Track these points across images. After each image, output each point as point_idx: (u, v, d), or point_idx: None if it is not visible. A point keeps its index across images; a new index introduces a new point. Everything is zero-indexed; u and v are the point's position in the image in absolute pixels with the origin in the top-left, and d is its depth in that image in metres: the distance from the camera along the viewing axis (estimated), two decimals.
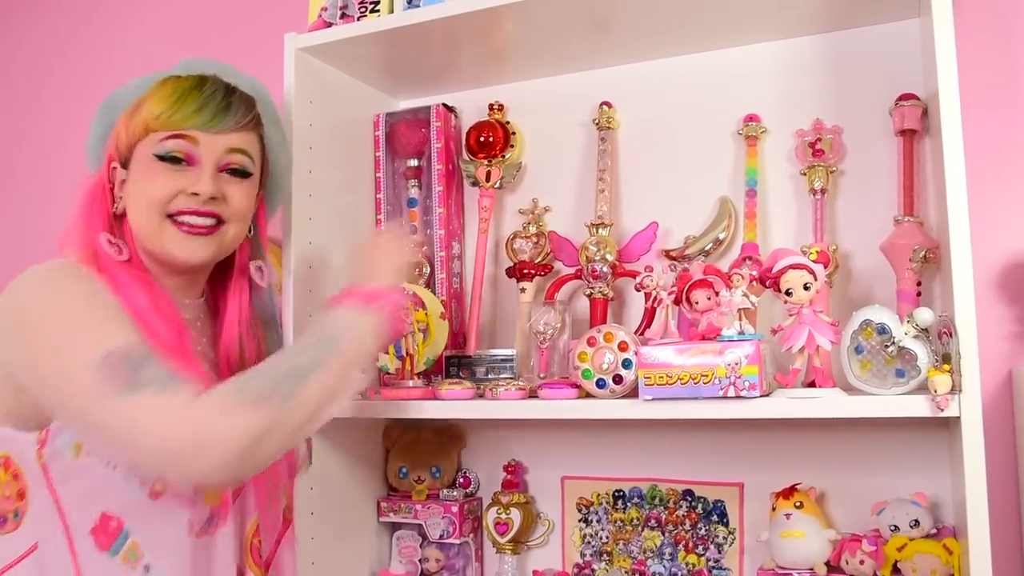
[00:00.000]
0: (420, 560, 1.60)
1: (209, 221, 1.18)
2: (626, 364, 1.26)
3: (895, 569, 1.25)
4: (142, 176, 1.17)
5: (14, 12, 2.40)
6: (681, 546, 1.49)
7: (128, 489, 1.08)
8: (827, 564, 1.30)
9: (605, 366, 1.27)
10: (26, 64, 2.37)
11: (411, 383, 1.44)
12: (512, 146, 1.60)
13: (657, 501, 1.52)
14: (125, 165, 1.20)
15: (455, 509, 1.56)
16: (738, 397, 1.15)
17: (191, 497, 1.10)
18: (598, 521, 1.56)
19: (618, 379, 1.27)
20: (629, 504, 1.53)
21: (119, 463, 1.08)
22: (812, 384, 1.18)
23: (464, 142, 1.62)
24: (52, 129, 2.30)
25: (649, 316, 1.39)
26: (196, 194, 1.16)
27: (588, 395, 1.30)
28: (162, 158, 1.16)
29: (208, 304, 1.30)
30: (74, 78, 2.29)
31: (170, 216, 1.16)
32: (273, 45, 1.53)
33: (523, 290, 1.54)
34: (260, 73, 1.86)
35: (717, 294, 1.22)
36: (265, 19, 1.99)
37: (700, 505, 1.49)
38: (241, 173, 1.21)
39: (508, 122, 1.62)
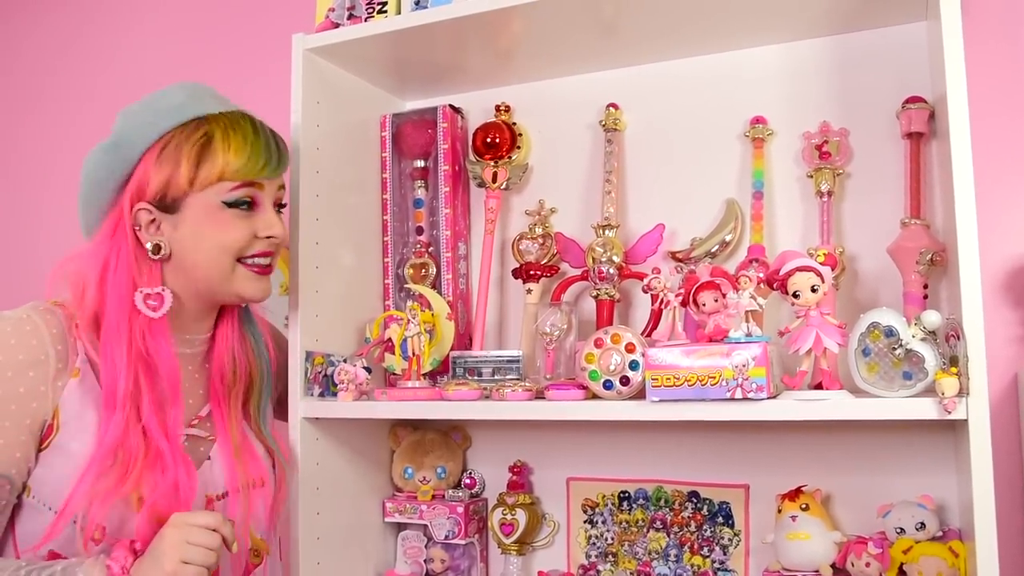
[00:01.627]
0: (425, 560, 1.60)
1: (270, 260, 1.26)
2: (633, 366, 1.26)
3: (901, 571, 1.25)
4: (212, 224, 1.20)
5: (15, 12, 2.40)
6: (686, 547, 1.49)
7: (70, 531, 1.10)
8: (833, 566, 1.30)
9: (612, 367, 1.27)
10: (28, 64, 2.38)
11: (417, 384, 1.44)
12: (519, 147, 1.60)
13: (663, 502, 1.52)
14: (169, 209, 1.19)
15: (460, 510, 1.56)
16: (745, 399, 1.15)
17: (129, 544, 1.09)
18: (603, 522, 1.56)
19: (625, 380, 1.27)
20: (634, 505, 1.54)
21: (53, 506, 1.10)
22: (819, 386, 1.18)
23: (471, 143, 1.63)
24: (53, 129, 2.31)
25: (656, 318, 1.39)
26: (271, 236, 1.24)
27: (595, 396, 1.30)
28: (231, 204, 1.20)
29: (213, 332, 1.34)
30: (76, 78, 2.29)
31: (240, 259, 1.22)
32: (280, 46, 1.54)
33: (529, 291, 1.54)
34: (267, 74, 1.87)
35: (724, 296, 1.22)
36: (272, 20, 1.99)
37: (706, 506, 1.49)
38: (283, 206, 1.30)
39: (515, 123, 1.62)
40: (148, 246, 1.19)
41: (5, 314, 1.15)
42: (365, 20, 1.50)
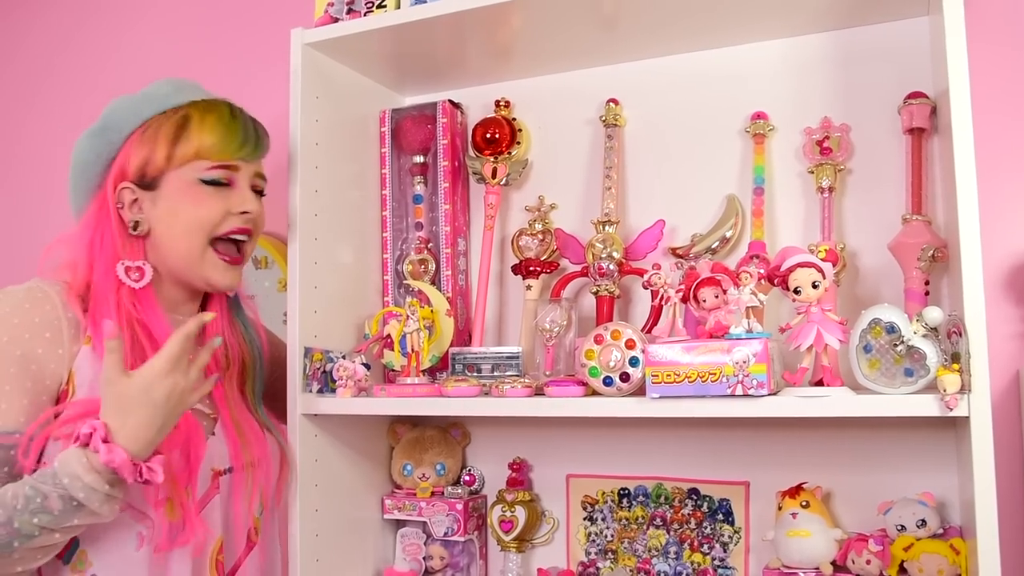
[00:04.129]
0: (424, 558, 1.59)
1: (245, 238, 1.27)
2: (633, 362, 1.26)
3: (901, 569, 1.25)
4: (188, 199, 1.22)
5: (16, 7, 2.40)
6: (686, 545, 1.49)
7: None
8: (833, 564, 1.30)
9: (612, 364, 1.27)
10: (29, 60, 2.37)
11: (416, 380, 1.43)
12: (518, 143, 1.59)
13: (662, 499, 1.51)
14: (149, 187, 1.23)
15: (460, 507, 1.56)
16: (746, 396, 1.14)
17: (143, 511, 1.13)
18: (603, 519, 1.55)
19: (625, 377, 1.26)
20: (634, 502, 1.53)
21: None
22: (820, 383, 1.17)
23: (470, 139, 1.62)
24: (54, 124, 2.30)
25: (656, 314, 1.38)
26: (244, 212, 1.25)
27: (595, 393, 1.30)
28: (207, 182, 1.23)
29: (200, 309, 1.35)
30: (77, 74, 2.28)
31: (212, 242, 1.24)
32: (279, 40, 1.53)
33: (529, 287, 1.53)
34: (266, 69, 1.87)
35: (725, 292, 1.22)
36: (271, 14, 1.99)
37: (706, 504, 1.48)
38: (260, 192, 1.31)
39: (514, 119, 1.61)
40: (130, 223, 1.23)
41: (12, 287, 1.18)
42: (364, 15, 1.49)
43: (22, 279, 2.08)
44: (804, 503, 1.32)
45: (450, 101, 1.65)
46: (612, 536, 1.55)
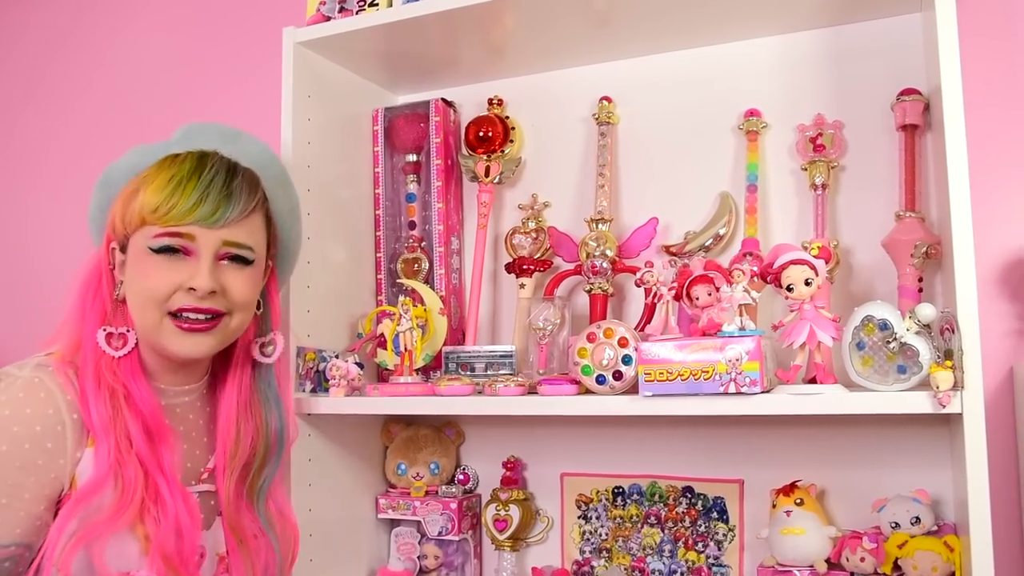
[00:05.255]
0: (419, 557, 1.59)
1: (208, 317, 1.13)
2: (626, 360, 1.26)
3: (896, 566, 1.25)
4: (139, 269, 1.12)
5: (11, 5, 2.39)
6: (681, 543, 1.48)
7: None
8: (828, 561, 1.30)
9: (605, 362, 1.26)
10: (24, 58, 2.36)
11: (410, 379, 1.43)
12: (511, 141, 1.59)
13: (657, 498, 1.51)
14: (123, 249, 1.15)
15: (454, 506, 1.55)
16: (739, 393, 1.14)
17: None
18: (597, 518, 1.55)
19: (618, 375, 1.26)
20: (629, 501, 1.53)
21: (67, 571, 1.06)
22: (813, 380, 1.17)
23: (463, 137, 1.62)
24: (50, 124, 2.29)
25: (649, 312, 1.38)
26: (192, 288, 1.10)
27: (588, 391, 1.30)
28: (158, 251, 1.11)
29: (211, 382, 1.26)
30: (72, 72, 2.28)
31: (170, 313, 1.11)
32: (271, 39, 1.53)
33: (522, 286, 1.53)
34: (258, 67, 1.86)
35: (718, 290, 1.21)
36: (263, 13, 1.98)
37: (700, 502, 1.48)
38: (242, 260, 1.15)
39: (507, 117, 1.61)
40: (117, 285, 1.16)
41: (14, 375, 1.09)
42: (356, 13, 1.49)
43: (15, 277, 2.08)
44: (798, 501, 1.32)
45: (443, 99, 1.64)
46: (606, 535, 1.54)
